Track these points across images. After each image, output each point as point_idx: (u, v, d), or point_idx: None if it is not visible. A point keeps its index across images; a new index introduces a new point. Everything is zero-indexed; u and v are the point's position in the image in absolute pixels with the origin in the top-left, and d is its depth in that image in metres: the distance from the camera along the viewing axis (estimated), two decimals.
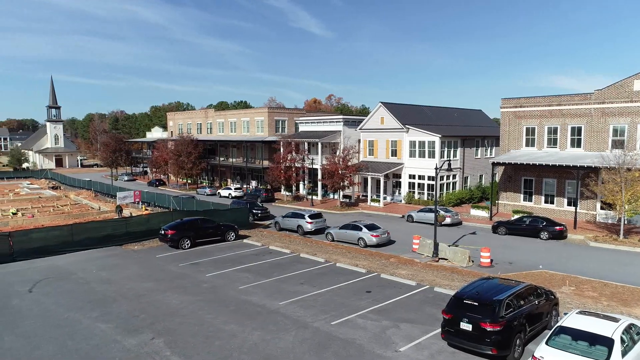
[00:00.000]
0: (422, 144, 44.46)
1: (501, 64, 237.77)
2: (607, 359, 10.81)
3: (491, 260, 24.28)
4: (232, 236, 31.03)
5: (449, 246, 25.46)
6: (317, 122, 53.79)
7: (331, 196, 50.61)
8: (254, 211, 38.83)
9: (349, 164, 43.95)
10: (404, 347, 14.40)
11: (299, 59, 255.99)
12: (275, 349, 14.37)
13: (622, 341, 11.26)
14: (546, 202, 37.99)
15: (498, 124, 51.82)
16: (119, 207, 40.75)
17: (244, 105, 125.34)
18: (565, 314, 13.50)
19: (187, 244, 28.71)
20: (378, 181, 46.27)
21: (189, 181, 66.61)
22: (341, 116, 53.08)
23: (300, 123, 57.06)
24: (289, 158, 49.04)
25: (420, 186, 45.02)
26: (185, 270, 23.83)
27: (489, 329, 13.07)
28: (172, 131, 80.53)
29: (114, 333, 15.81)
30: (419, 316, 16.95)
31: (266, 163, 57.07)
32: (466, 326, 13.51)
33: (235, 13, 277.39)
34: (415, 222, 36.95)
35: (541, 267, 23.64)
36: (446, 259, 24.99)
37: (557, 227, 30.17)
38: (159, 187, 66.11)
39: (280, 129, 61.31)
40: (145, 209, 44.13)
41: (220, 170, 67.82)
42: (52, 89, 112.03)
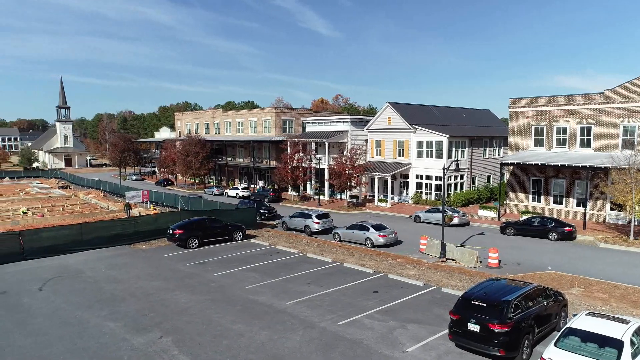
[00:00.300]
0: (429, 144, 44.30)
1: (509, 64, 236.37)
2: None
3: (499, 261, 24.15)
4: (240, 236, 31.14)
5: (457, 247, 25.36)
6: (325, 122, 53.80)
7: (338, 196, 50.59)
8: (261, 211, 38.92)
9: (356, 164, 43.91)
10: (411, 347, 14.37)
11: (306, 59, 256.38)
12: (282, 349, 14.40)
13: (632, 343, 11.16)
14: (555, 202, 37.70)
15: (506, 124, 51.55)
16: (128, 205, 41.33)
17: (251, 106, 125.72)
18: (575, 315, 13.42)
19: (195, 244, 28.85)
20: (385, 181, 46.18)
21: (197, 181, 66.91)
22: (348, 116, 53.06)
23: (307, 123, 57.10)
24: (296, 158, 49.12)
25: (428, 186, 44.86)
26: (193, 269, 23.95)
27: (496, 330, 13.00)
28: (180, 131, 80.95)
29: (123, 332, 15.94)
30: (426, 317, 16.91)
31: (273, 163, 57.18)
32: (474, 327, 13.45)
33: (243, 14, 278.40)
34: (423, 222, 36.83)
35: (550, 268, 23.47)
36: (454, 260, 24.89)
37: (566, 228, 29.92)
38: (167, 187, 66.50)
39: (288, 129, 61.39)
40: (154, 209, 44.41)
41: (227, 170, 68.07)
42: (62, 89, 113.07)
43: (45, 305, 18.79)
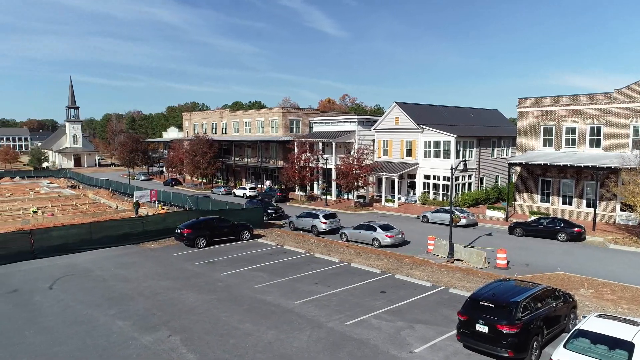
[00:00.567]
0: (437, 144, 44.13)
1: (517, 64, 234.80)
2: None
3: (507, 262, 24.01)
4: (247, 235, 31.23)
5: (465, 247, 25.26)
6: (332, 122, 53.81)
7: (345, 196, 50.57)
8: (269, 211, 39.00)
9: (363, 164, 43.88)
10: (419, 348, 14.34)
11: (313, 59, 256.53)
12: (289, 348, 14.44)
13: None
14: (564, 203, 37.40)
15: (515, 124, 51.22)
16: (137, 204, 42.06)
17: (258, 106, 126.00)
18: (584, 317, 13.30)
19: (203, 243, 28.98)
20: (392, 181, 46.08)
21: (204, 181, 67.20)
22: (355, 116, 53.01)
23: (314, 123, 57.13)
24: (303, 158, 49.18)
25: (435, 187, 44.70)
26: (201, 269, 24.07)
27: (505, 331, 12.94)
28: (187, 131, 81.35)
29: (132, 330, 16.06)
30: (434, 317, 16.86)
31: (280, 163, 57.29)
32: (482, 328, 13.39)
33: (250, 14, 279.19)
34: (430, 222, 36.71)
35: (559, 269, 23.30)
36: (462, 260, 24.79)
37: (576, 229, 29.67)
38: (174, 187, 66.84)
39: (295, 129, 61.46)
40: (162, 208, 44.68)
41: (235, 170, 68.30)
42: (71, 89, 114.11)
43: (55, 303, 18.98)
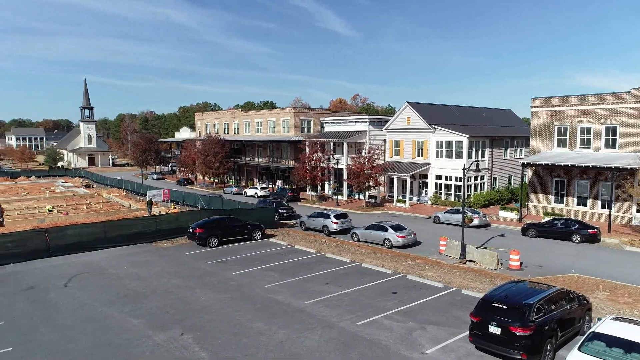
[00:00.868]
0: (449, 144, 43.86)
1: (530, 63, 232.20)
2: None
3: (520, 263, 23.77)
4: (259, 235, 31.37)
5: (477, 248, 25.07)
6: (343, 122, 53.77)
7: (356, 196, 50.49)
8: (280, 211, 39.12)
9: (375, 164, 43.78)
10: (430, 349, 14.28)
11: (324, 59, 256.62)
12: (301, 348, 14.48)
13: None
14: (579, 204, 36.90)
15: (528, 123, 50.65)
16: (150, 202, 42.77)
17: (270, 106, 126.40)
18: (599, 319, 13.14)
19: (215, 242, 29.18)
20: (404, 181, 45.90)
21: (216, 180, 67.62)
22: (367, 116, 52.90)
23: (325, 123, 57.14)
24: (314, 158, 49.20)
25: (447, 187, 44.42)
26: (213, 268, 24.24)
27: (518, 333, 12.82)
28: (199, 131, 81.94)
29: (145, 328, 16.24)
30: (445, 318, 16.77)
31: (292, 163, 57.40)
32: (495, 330, 13.29)
33: (261, 14, 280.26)
34: (442, 223, 36.50)
35: (573, 271, 23.01)
36: (474, 261, 24.61)
37: (590, 230, 29.27)
38: (187, 186, 67.38)
39: (306, 129, 61.54)
40: (174, 208, 45.07)
41: (246, 170, 68.60)
42: (86, 90, 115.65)
43: (70, 300, 19.27)
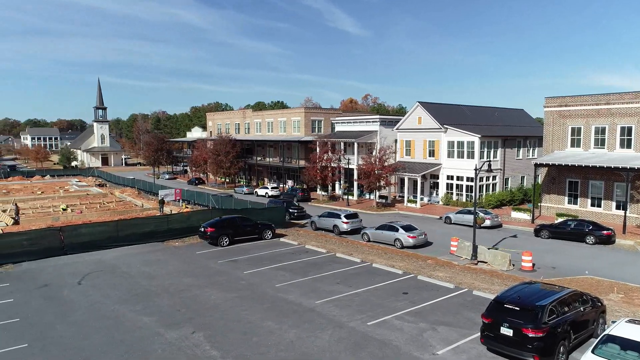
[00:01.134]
0: (460, 144, 43.56)
1: (544, 62, 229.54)
2: None
3: (533, 265, 23.53)
4: (269, 235, 31.46)
5: (489, 249, 24.86)
6: (354, 122, 53.70)
7: (367, 196, 50.39)
8: (291, 210, 39.20)
9: (386, 164, 43.65)
10: (441, 350, 14.20)
11: (335, 58, 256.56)
12: (311, 347, 14.50)
13: None
14: (592, 205, 36.40)
15: (541, 123, 50.14)
16: (162, 201, 43.23)
17: (280, 106, 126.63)
18: (614, 322, 12.97)
19: (226, 242, 29.33)
20: (415, 182, 45.69)
21: (227, 180, 67.98)
22: (377, 116, 52.76)
23: (336, 123, 57.13)
24: (325, 158, 49.22)
25: (459, 187, 44.12)
26: (224, 267, 24.37)
27: (531, 334, 12.70)
28: (211, 131, 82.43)
29: (157, 326, 16.40)
30: (457, 319, 16.67)
31: (302, 163, 57.46)
32: (507, 331, 13.18)
33: (273, 14, 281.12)
34: (453, 223, 36.26)
35: (587, 272, 22.71)
36: (485, 262, 24.41)
37: (605, 232, 28.87)
38: (198, 186, 67.81)
39: (317, 129, 61.57)
40: (186, 207, 45.40)
41: (257, 170, 68.86)
42: (99, 90, 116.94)
43: (84, 298, 19.53)
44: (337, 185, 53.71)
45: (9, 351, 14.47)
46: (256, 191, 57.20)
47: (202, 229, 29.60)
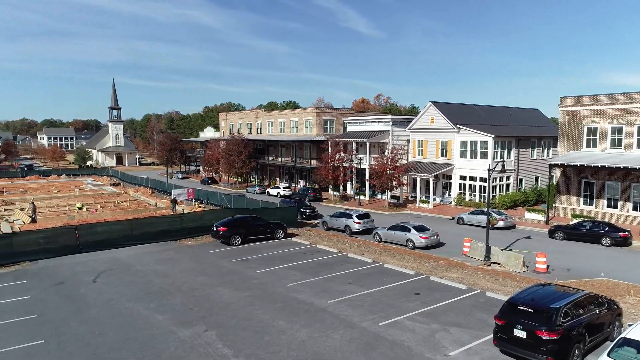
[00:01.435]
0: (474, 144, 43.20)
1: (558, 61, 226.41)
2: None
3: (547, 266, 23.24)
4: (281, 234, 31.57)
5: (502, 250, 24.63)
6: (365, 122, 53.60)
7: (379, 196, 50.26)
8: (302, 210, 39.27)
9: (398, 164, 43.50)
10: (453, 351, 14.12)
11: (347, 58, 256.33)
12: (323, 347, 14.52)
13: None
14: (609, 206, 35.81)
15: (556, 123, 49.48)
16: (174, 201, 43.76)
17: (292, 106, 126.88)
18: (630, 325, 12.76)
19: (238, 241, 29.50)
20: (427, 182, 45.45)
21: (240, 180, 68.33)
22: (390, 116, 52.59)
23: (348, 123, 57.08)
24: (336, 158, 49.21)
25: (472, 188, 43.76)
26: (236, 266, 24.52)
27: (545, 337, 12.57)
28: (223, 131, 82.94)
29: (170, 324, 16.57)
30: (469, 321, 16.55)
31: (314, 163, 57.53)
32: (520, 333, 13.06)
33: (285, 14, 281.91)
34: (466, 224, 35.99)
35: (603, 275, 22.36)
36: (498, 264, 24.19)
37: (621, 233, 28.40)
38: (210, 185, 68.28)
39: (329, 129, 61.58)
40: (199, 206, 45.78)
41: (269, 170, 69.11)
42: (114, 91, 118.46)
43: (98, 296, 19.81)
44: (348, 185, 53.66)
45: (26, 347, 14.76)
46: (268, 191, 57.43)
47: (215, 228, 29.82)
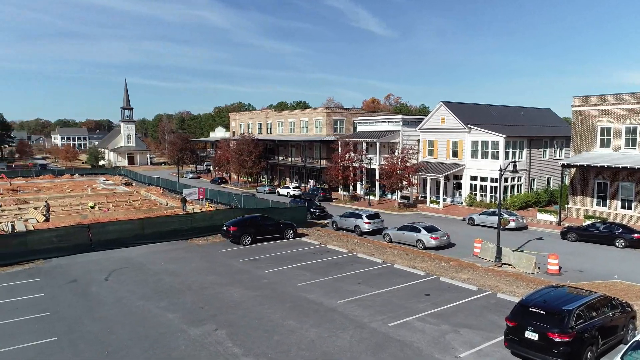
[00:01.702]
0: (485, 144, 42.87)
1: (571, 61, 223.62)
2: None
3: (559, 268, 22.98)
4: (291, 234, 31.62)
5: (513, 251, 24.41)
6: (376, 122, 53.47)
7: (389, 197, 50.10)
8: (312, 210, 39.30)
9: (408, 164, 43.33)
10: (464, 353, 14.02)
11: (357, 58, 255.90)
12: (332, 347, 14.52)
13: None
14: (622, 207, 35.29)
15: (569, 123, 48.89)
16: (184, 200, 44.21)
17: (302, 106, 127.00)
18: None
19: (248, 240, 29.61)
20: (438, 182, 45.19)
21: (250, 179, 68.61)
22: (400, 116, 52.39)
23: (358, 123, 56.98)
24: (346, 158, 49.15)
25: (483, 188, 43.42)
26: (246, 265, 24.61)
27: (557, 339, 12.43)
28: (234, 131, 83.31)
29: (180, 322, 16.69)
30: (480, 322, 16.43)
31: (324, 163, 57.52)
32: (532, 335, 12.93)
33: (295, 15, 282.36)
34: (477, 225, 35.72)
35: (616, 277, 22.05)
36: (510, 265, 23.97)
37: (635, 235, 27.98)
38: (221, 185, 68.64)
39: (339, 129, 61.54)
40: (209, 206, 46.03)
41: (279, 169, 69.27)
42: (126, 91, 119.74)
43: (110, 294, 20.02)
44: (358, 186, 53.57)
45: (39, 344, 14.96)
46: (278, 191, 57.55)
47: (225, 228, 29.96)
